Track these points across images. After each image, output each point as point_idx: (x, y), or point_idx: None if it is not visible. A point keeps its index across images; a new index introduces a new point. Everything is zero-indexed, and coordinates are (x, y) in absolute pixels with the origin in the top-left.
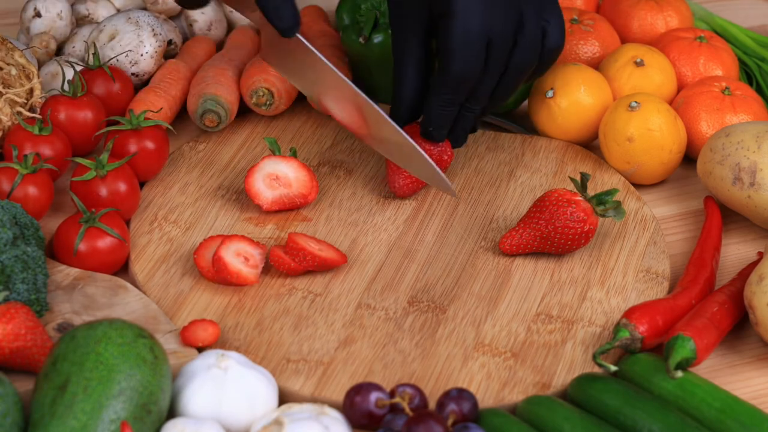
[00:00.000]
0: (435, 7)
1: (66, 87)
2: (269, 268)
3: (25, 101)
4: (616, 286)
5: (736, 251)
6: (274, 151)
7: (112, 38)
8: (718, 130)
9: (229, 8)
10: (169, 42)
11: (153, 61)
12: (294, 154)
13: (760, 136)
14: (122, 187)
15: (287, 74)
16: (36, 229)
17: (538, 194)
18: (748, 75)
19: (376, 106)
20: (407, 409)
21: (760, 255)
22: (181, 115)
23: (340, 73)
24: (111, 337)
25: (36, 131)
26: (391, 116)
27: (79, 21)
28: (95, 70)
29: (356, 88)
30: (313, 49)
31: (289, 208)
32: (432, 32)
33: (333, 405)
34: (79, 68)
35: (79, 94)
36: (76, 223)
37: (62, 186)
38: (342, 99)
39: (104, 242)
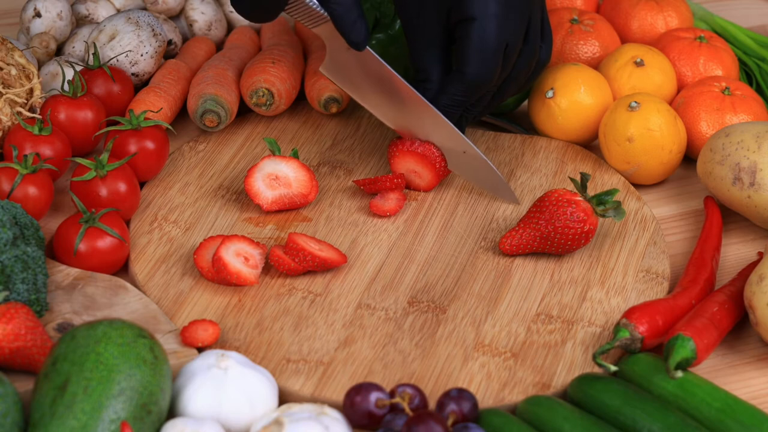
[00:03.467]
0: (454, 14)
1: (66, 87)
2: (269, 268)
3: (25, 101)
4: (616, 286)
5: (736, 251)
6: (274, 151)
7: (112, 38)
8: (718, 130)
9: (229, 8)
10: (169, 42)
11: (153, 61)
12: (295, 155)
13: (760, 136)
14: (122, 187)
15: (350, 88)
16: (36, 229)
17: (538, 194)
18: (748, 75)
19: (447, 120)
20: (407, 409)
21: (760, 255)
22: (181, 115)
23: (410, 85)
24: (111, 337)
25: (36, 131)
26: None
27: (79, 21)
28: (95, 70)
29: (427, 102)
30: (383, 61)
31: (289, 208)
32: (449, 39)
33: (333, 405)
34: (79, 68)
35: (79, 94)
36: (76, 223)
37: (62, 186)
38: (412, 111)
39: (104, 242)
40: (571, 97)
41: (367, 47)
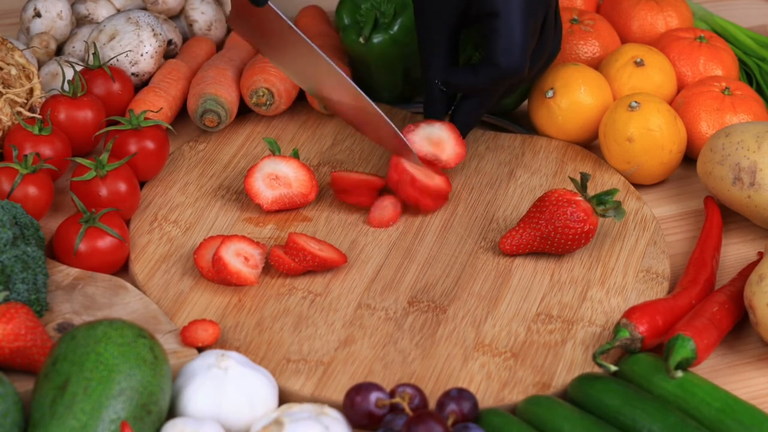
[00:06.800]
0: (476, 8)
1: (66, 87)
2: (269, 268)
3: (25, 101)
4: (616, 286)
5: (736, 251)
6: (274, 151)
7: (112, 38)
8: (718, 130)
9: (229, 8)
10: (169, 42)
11: (153, 61)
12: (295, 155)
13: (760, 136)
14: (122, 187)
15: (256, 43)
16: (36, 229)
17: (538, 194)
18: (748, 75)
19: (343, 74)
20: (407, 409)
21: (760, 255)
22: (181, 115)
23: (309, 41)
24: (111, 337)
25: (36, 131)
26: (426, 111)
27: (79, 21)
28: (95, 70)
29: (323, 54)
30: (283, 16)
31: (289, 207)
32: (461, 28)
33: (333, 405)
34: (79, 68)
35: (79, 94)
36: (76, 223)
37: (62, 186)
38: (308, 65)
39: (104, 242)
40: (571, 97)
41: (269, 3)
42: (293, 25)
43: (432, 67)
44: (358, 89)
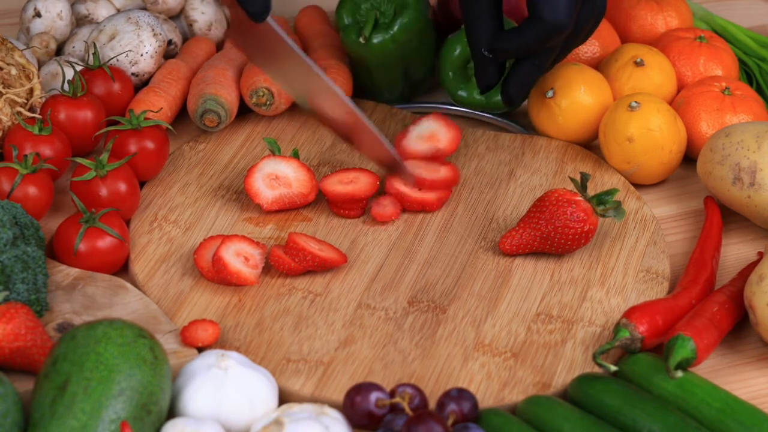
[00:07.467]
0: None
1: (66, 87)
2: (269, 268)
3: (25, 101)
4: (616, 286)
5: (736, 251)
6: (274, 151)
7: (112, 38)
8: (718, 130)
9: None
10: (169, 42)
11: (153, 61)
12: (295, 155)
13: (760, 136)
14: (122, 187)
15: (254, 59)
16: (36, 229)
17: (538, 194)
18: (748, 75)
19: (340, 92)
20: (407, 409)
21: (760, 255)
22: (181, 115)
23: (308, 59)
24: (111, 337)
25: (36, 131)
26: (479, 83)
27: (79, 21)
28: (95, 70)
29: (324, 75)
30: (283, 34)
31: (289, 207)
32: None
33: (333, 405)
34: (79, 68)
35: (79, 94)
36: (76, 223)
37: (62, 186)
38: (308, 84)
39: (104, 242)
40: (571, 97)
41: (269, 20)
42: (291, 42)
43: (477, 36)
44: (354, 105)
